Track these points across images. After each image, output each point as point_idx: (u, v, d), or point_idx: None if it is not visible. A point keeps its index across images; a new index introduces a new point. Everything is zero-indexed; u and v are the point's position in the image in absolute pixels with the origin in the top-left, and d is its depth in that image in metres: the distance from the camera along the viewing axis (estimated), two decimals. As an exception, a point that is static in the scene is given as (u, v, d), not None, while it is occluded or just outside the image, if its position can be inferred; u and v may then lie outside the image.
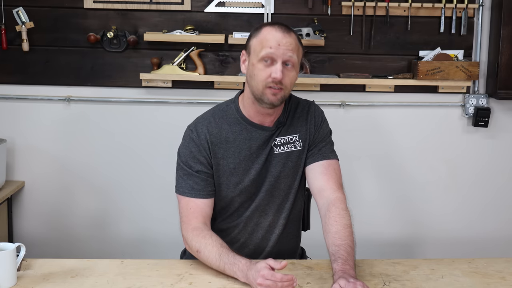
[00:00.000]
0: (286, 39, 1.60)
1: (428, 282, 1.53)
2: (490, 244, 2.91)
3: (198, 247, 1.59)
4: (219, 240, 1.59)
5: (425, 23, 2.75)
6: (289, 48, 1.60)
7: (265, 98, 1.62)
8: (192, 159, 1.70)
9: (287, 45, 1.60)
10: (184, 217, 1.68)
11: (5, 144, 2.63)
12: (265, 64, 1.61)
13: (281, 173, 1.74)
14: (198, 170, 1.69)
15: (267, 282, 1.38)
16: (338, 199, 1.65)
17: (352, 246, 1.54)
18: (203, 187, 1.69)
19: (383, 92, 2.78)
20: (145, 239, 2.83)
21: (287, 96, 1.68)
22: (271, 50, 1.59)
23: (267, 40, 1.61)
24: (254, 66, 1.63)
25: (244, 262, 1.48)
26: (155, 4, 2.70)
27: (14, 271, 1.49)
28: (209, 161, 1.70)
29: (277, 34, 1.61)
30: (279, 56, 1.59)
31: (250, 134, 1.71)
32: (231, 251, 1.55)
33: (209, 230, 1.64)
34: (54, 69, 2.74)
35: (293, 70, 1.64)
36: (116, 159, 2.81)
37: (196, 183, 1.68)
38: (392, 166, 2.86)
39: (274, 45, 1.59)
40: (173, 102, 2.77)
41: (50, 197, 2.82)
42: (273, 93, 1.61)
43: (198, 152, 1.69)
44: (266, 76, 1.60)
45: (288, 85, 1.63)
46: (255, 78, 1.63)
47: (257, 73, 1.62)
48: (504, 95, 2.71)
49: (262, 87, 1.62)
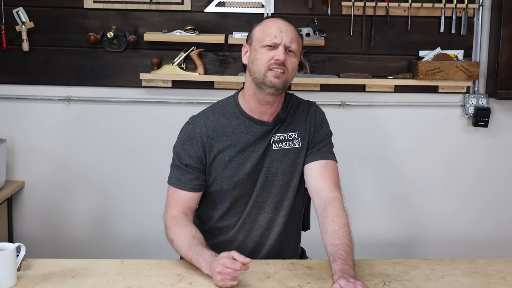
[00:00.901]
0: (287, 27, 1.69)
1: (428, 282, 1.53)
2: (489, 244, 2.91)
3: (172, 236, 1.64)
4: (193, 231, 1.62)
5: (425, 23, 2.75)
6: (290, 36, 1.68)
7: (267, 81, 1.65)
8: (183, 151, 1.73)
9: (288, 32, 1.68)
10: (167, 205, 1.74)
11: (5, 144, 2.63)
12: (268, 49, 1.66)
13: (279, 169, 1.74)
14: (186, 164, 1.72)
15: (227, 270, 1.42)
16: (335, 198, 1.65)
17: (350, 246, 1.53)
18: (189, 180, 1.72)
19: (383, 92, 2.78)
20: (145, 239, 2.83)
21: (288, 84, 1.71)
22: (273, 37, 1.66)
23: (269, 27, 1.68)
24: (257, 51, 1.68)
25: (210, 254, 1.52)
26: (155, 4, 2.70)
27: (14, 271, 1.49)
28: (199, 156, 1.72)
29: (279, 23, 1.69)
30: (281, 42, 1.66)
31: (248, 128, 1.73)
32: (202, 243, 1.58)
33: (187, 220, 1.68)
34: (54, 69, 2.74)
35: (294, 57, 1.69)
36: (116, 159, 2.81)
37: (183, 176, 1.72)
38: (392, 166, 2.86)
39: (277, 32, 1.66)
40: (173, 102, 2.77)
41: (50, 197, 2.82)
42: (276, 75, 1.65)
43: (190, 145, 1.72)
44: (269, 58, 1.65)
45: (290, 69, 1.68)
46: (257, 62, 1.67)
47: (259, 56, 1.67)
48: (504, 95, 2.71)
49: (264, 69, 1.65)
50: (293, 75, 1.71)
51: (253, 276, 1.54)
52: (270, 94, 1.67)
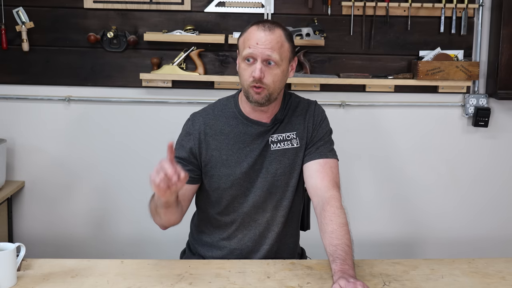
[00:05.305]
0: (266, 37, 1.62)
1: (428, 282, 1.53)
2: (489, 244, 2.91)
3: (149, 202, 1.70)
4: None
5: (425, 23, 2.75)
6: (268, 47, 1.62)
7: (251, 97, 1.67)
8: (180, 145, 1.76)
9: (266, 43, 1.62)
10: None
11: (5, 144, 2.63)
12: (247, 64, 1.65)
13: (278, 170, 1.75)
14: (181, 157, 1.74)
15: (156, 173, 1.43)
16: (333, 197, 1.64)
17: (349, 245, 1.53)
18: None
19: (383, 92, 2.78)
20: (145, 239, 2.84)
21: (275, 94, 1.69)
22: (250, 50, 1.63)
23: (248, 39, 1.65)
24: (239, 66, 1.69)
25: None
26: (155, 4, 2.70)
27: (14, 271, 1.49)
28: (194, 152, 1.74)
29: (258, 33, 1.63)
30: (258, 55, 1.63)
31: (246, 128, 1.74)
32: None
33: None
34: (54, 69, 2.74)
35: (276, 68, 1.65)
36: (116, 159, 2.81)
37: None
38: (392, 166, 2.86)
39: (253, 45, 1.63)
40: (173, 102, 2.77)
41: (50, 197, 2.82)
42: (256, 92, 1.65)
43: (187, 141, 1.75)
44: (249, 75, 1.65)
45: (271, 83, 1.65)
46: (241, 78, 1.69)
47: (241, 72, 1.68)
48: (504, 95, 2.71)
49: (246, 86, 1.67)
50: (278, 85, 1.67)
51: (253, 276, 1.55)
52: (257, 106, 1.69)
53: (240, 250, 1.79)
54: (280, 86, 1.69)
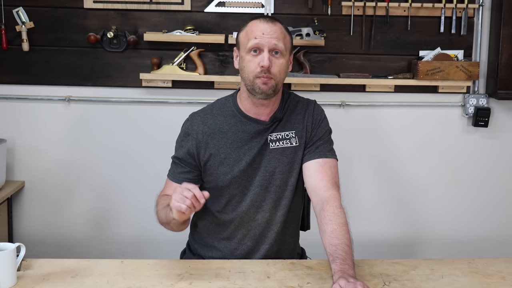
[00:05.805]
0: (270, 28, 1.67)
1: (428, 282, 1.53)
2: (489, 244, 2.91)
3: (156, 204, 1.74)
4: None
5: (425, 23, 2.75)
6: (274, 36, 1.66)
7: (257, 88, 1.67)
8: (179, 146, 1.79)
9: (272, 33, 1.66)
10: (161, 191, 1.83)
11: (5, 144, 2.63)
12: (253, 55, 1.67)
13: (276, 168, 1.75)
14: (179, 157, 1.78)
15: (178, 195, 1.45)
16: (332, 197, 1.64)
17: (349, 245, 1.53)
18: (180, 173, 1.78)
19: (383, 92, 2.78)
20: (145, 239, 2.84)
21: (280, 86, 1.71)
22: (257, 40, 1.65)
23: (252, 31, 1.67)
24: (243, 59, 1.69)
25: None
26: (155, 4, 2.70)
27: (14, 271, 1.49)
28: (192, 152, 1.75)
29: (261, 25, 1.68)
30: (265, 45, 1.65)
31: (244, 126, 1.74)
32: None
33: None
34: (54, 69, 2.74)
35: (281, 58, 1.68)
36: (116, 159, 2.81)
37: (176, 168, 1.80)
38: (392, 166, 2.86)
39: (259, 35, 1.65)
40: (173, 102, 2.77)
41: (50, 197, 2.82)
42: (263, 82, 1.66)
43: (186, 141, 1.76)
44: (255, 66, 1.66)
45: (277, 73, 1.67)
46: (245, 70, 1.69)
47: (246, 64, 1.68)
48: (504, 95, 2.71)
49: (252, 77, 1.67)
50: (282, 76, 1.70)
51: (253, 276, 1.55)
52: (262, 98, 1.69)
53: (240, 250, 1.79)
54: (284, 77, 1.72)
